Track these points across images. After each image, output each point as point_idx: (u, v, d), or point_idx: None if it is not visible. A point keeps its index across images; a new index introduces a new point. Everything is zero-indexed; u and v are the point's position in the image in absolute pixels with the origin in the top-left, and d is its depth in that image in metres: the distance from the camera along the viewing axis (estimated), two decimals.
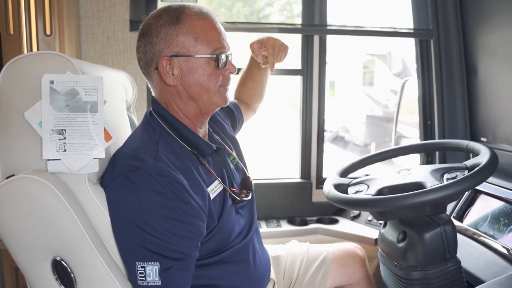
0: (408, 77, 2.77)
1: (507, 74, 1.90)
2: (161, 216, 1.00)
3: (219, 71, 1.17)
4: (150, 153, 1.06)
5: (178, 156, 1.12)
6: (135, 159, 1.05)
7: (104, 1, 2.00)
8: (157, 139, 1.13)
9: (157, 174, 1.01)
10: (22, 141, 1.00)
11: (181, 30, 1.14)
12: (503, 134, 1.92)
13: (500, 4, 1.89)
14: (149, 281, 1.00)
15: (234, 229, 1.22)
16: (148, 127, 1.18)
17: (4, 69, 1.01)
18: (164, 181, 1.01)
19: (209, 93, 1.17)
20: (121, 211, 1.03)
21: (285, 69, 2.35)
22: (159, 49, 1.14)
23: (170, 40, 1.14)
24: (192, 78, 1.15)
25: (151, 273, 1.00)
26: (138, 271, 1.00)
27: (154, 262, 1.00)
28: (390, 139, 2.75)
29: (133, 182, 1.01)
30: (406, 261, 1.30)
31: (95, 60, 2.02)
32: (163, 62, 1.14)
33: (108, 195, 1.06)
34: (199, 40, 1.14)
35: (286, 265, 1.56)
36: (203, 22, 1.16)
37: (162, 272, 1.00)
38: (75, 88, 1.01)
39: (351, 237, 2.01)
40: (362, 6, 8.03)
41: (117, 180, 1.03)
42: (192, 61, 1.14)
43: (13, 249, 1.01)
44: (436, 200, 1.16)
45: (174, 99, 1.18)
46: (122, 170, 1.04)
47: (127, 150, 1.11)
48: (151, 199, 1.00)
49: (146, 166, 1.02)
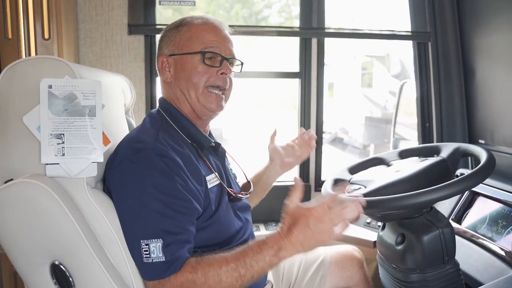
0: (406, 78, 2.78)
1: (504, 76, 1.90)
2: (160, 193, 1.05)
3: (209, 69, 1.22)
4: (150, 135, 1.13)
5: (178, 144, 1.17)
6: (137, 141, 1.11)
7: (102, 5, 2.01)
8: (158, 127, 1.19)
9: (156, 154, 1.07)
10: (20, 145, 1.01)
11: (179, 32, 1.25)
12: (501, 136, 1.92)
13: (497, 6, 1.90)
14: (154, 258, 1.02)
15: (231, 227, 1.24)
16: (150, 119, 1.25)
17: (3, 73, 1.01)
18: (164, 160, 1.07)
19: (196, 90, 1.23)
20: (124, 192, 1.07)
21: (283, 72, 2.35)
22: (162, 50, 1.27)
23: (169, 41, 1.26)
24: (182, 74, 1.23)
25: (155, 250, 1.02)
26: (143, 249, 1.03)
27: (157, 239, 1.02)
28: (388, 141, 2.76)
29: (135, 163, 1.06)
30: (404, 263, 1.30)
31: (94, 64, 2.03)
32: (162, 60, 1.26)
33: (114, 181, 1.09)
34: (192, 39, 1.23)
35: (285, 268, 1.57)
36: (201, 26, 1.25)
37: (165, 248, 1.03)
38: (73, 93, 1.02)
39: (349, 240, 2.00)
40: (360, 9, 8.04)
41: (122, 163, 1.07)
42: (183, 58, 1.23)
43: (12, 253, 1.01)
44: (431, 201, 1.17)
45: (172, 96, 1.27)
46: (126, 153, 1.09)
47: (128, 137, 1.17)
48: (151, 177, 1.05)
49: (147, 146, 1.08)
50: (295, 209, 1.04)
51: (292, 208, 1.05)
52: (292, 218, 1.04)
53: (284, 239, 1.02)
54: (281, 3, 8.61)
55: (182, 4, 2.06)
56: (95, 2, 2.00)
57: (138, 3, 2.03)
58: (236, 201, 1.30)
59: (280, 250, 1.02)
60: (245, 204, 1.37)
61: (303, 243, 1.02)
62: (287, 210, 1.06)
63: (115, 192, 1.08)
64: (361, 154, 8.68)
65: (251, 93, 8.14)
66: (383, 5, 6.91)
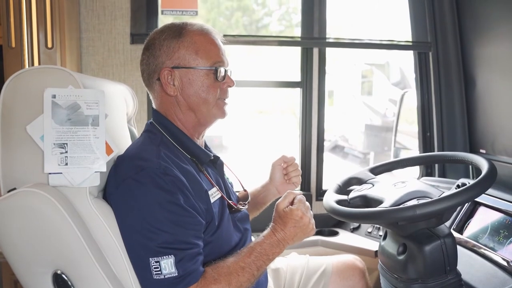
0: (406, 86, 2.79)
1: (505, 85, 1.91)
2: (167, 211, 1.05)
3: (218, 84, 1.22)
4: (153, 153, 1.12)
5: (180, 159, 1.17)
6: (139, 159, 1.10)
7: (105, 14, 2.02)
8: (158, 143, 1.18)
9: (162, 173, 1.07)
10: (24, 154, 1.01)
11: (182, 43, 1.21)
12: (502, 146, 1.93)
13: (498, 16, 1.91)
14: (165, 274, 1.04)
15: (231, 241, 1.25)
16: (149, 134, 1.23)
17: (7, 83, 1.02)
18: (169, 179, 1.07)
19: (207, 104, 1.22)
20: (128, 211, 1.06)
21: (285, 81, 2.36)
22: (162, 60, 1.21)
23: (172, 53, 1.21)
24: (192, 89, 1.21)
25: (167, 266, 1.04)
26: (153, 266, 1.03)
27: (168, 255, 1.04)
28: (389, 148, 2.76)
29: (140, 182, 1.06)
30: (406, 273, 1.30)
31: (96, 73, 2.03)
32: (164, 73, 1.20)
33: (117, 199, 1.08)
34: (199, 54, 1.21)
35: (286, 278, 1.56)
36: (203, 37, 1.23)
37: (177, 263, 1.04)
38: (77, 102, 1.03)
39: (351, 249, 2.00)
40: (361, 18, 8.09)
41: (126, 182, 1.07)
42: (192, 72, 1.20)
43: (14, 262, 1.01)
44: (434, 212, 1.17)
45: (174, 109, 1.23)
46: (128, 172, 1.08)
47: (129, 154, 1.16)
48: (156, 195, 1.05)
49: (152, 166, 1.08)
50: (285, 211, 1.20)
51: (282, 208, 1.21)
52: (283, 219, 1.20)
53: (278, 235, 1.19)
54: (281, 11, 8.67)
55: (184, 14, 2.08)
56: (98, 12, 2.01)
57: (140, 12, 2.05)
58: (237, 212, 1.31)
59: (279, 246, 1.19)
60: (244, 214, 1.37)
61: (293, 238, 1.20)
62: (278, 210, 1.22)
63: (119, 211, 1.08)
64: (361, 162, 8.67)
65: (251, 101, 8.16)
66: (384, 15, 6.95)
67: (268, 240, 1.18)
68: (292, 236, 1.20)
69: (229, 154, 7.35)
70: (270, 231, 1.20)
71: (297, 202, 1.21)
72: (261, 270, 1.17)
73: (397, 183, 1.41)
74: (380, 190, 1.41)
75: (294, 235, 1.20)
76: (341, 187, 1.53)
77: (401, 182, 1.41)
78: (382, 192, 1.38)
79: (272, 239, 1.19)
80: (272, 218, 1.23)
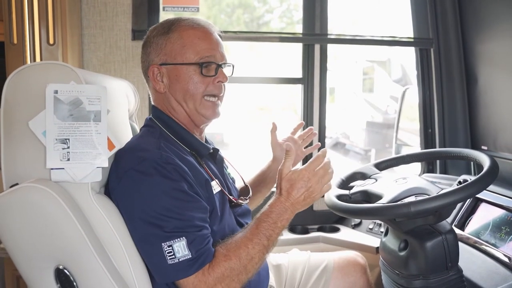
0: (407, 83, 2.79)
1: (507, 82, 1.91)
2: (175, 199, 1.07)
3: (206, 79, 1.22)
4: (153, 144, 1.13)
5: (180, 151, 1.18)
6: (140, 150, 1.11)
7: (106, 10, 2.02)
8: (157, 136, 1.19)
9: (163, 162, 1.08)
10: (26, 150, 1.01)
11: (169, 39, 1.21)
12: (504, 143, 1.92)
13: (500, 13, 1.90)
14: (179, 257, 1.04)
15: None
16: (148, 128, 1.24)
17: (9, 79, 1.02)
18: (171, 167, 1.08)
19: (194, 100, 1.22)
20: (134, 202, 1.07)
21: (286, 78, 2.35)
22: (151, 58, 1.23)
23: (159, 49, 1.21)
24: (178, 85, 1.21)
25: (180, 249, 1.04)
26: (166, 251, 1.04)
27: (180, 238, 1.05)
28: (390, 145, 2.76)
29: (143, 172, 1.07)
30: (407, 269, 1.30)
31: (97, 69, 2.03)
32: (153, 70, 1.23)
33: (120, 192, 1.09)
34: (185, 48, 1.20)
35: (288, 274, 1.56)
36: (192, 31, 1.21)
37: (190, 244, 1.05)
38: (79, 98, 1.03)
39: (352, 246, 2.00)
40: (363, 15, 8.07)
41: (128, 174, 1.07)
42: (178, 68, 1.21)
43: (16, 258, 1.01)
44: (430, 210, 1.17)
45: (166, 105, 1.25)
46: (130, 163, 1.08)
47: (130, 146, 1.17)
48: (163, 185, 1.06)
49: (153, 155, 1.09)
50: (290, 174, 1.17)
51: (286, 173, 1.17)
52: (289, 182, 1.16)
53: (286, 202, 1.16)
54: (282, 8, 8.65)
55: (186, 11, 2.07)
56: (100, 8, 2.01)
57: (142, 9, 2.04)
58: (237, 207, 1.31)
59: (286, 212, 1.16)
60: (245, 210, 1.38)
61: (301, 202, 1.17)
62: (282, 176, 1.18)
63: (124, 203, 1.09)
64: (362, 159, 8.67)
65: (252, 98, 8.15)
66: (386, 11, 6.94)
67: (274, 208, 1.16)
68: (300, 200, 1.16)
69: (231, 151, 7.35)
70: (276, 199, 1.17)
71: (308, 163, 1.17)
72: (272, 240, 1.15)
73: (398, 179, 1.41)
74: (382, 185, 1.41)
75: (302, 198, 1.16)
76: (345, 181, 1.53)
77: (402, 178, 1.41)
78: (382, 188, 1.38)
79: (278, 207, 1.16)
80: (276, 185, 1.20)
